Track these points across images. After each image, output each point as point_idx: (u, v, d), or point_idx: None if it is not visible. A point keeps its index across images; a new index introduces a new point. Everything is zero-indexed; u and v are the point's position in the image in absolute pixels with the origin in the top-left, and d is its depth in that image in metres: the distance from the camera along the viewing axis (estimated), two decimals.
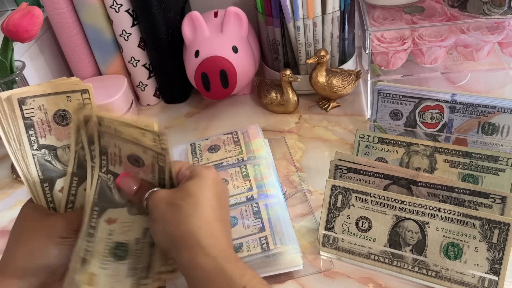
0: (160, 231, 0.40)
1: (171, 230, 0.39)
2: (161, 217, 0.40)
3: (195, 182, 0.41)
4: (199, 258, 0.38)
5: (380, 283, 0.51)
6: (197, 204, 0.40)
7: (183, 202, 0.40)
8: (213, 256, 0.38)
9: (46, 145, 0.45)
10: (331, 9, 0.75)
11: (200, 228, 0.39)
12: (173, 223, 0.39)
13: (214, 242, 0.39)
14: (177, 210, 0.40)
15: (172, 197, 0.41)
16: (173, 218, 0.40)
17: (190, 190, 0.41)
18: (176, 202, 0.40)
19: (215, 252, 0.38)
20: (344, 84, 0.76)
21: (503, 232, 0.46)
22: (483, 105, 0.58)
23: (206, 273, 0.37)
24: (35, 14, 0.63)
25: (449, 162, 0.56)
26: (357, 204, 0.52)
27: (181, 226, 0.39)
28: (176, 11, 0.82)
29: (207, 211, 0.40)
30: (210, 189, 0.41)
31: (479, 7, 0.64)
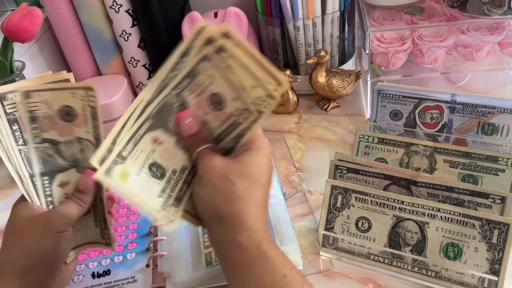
0: (207, 200, 0.39)
1: (218, 204, 0.38)
2: (211, 187, 0.39)
3: (254, 160, 0.40)
4: (243, 239, 0.37)
5: (380, 283, 0.51)
6: (251, 186, 0.39)
7: (239, 180, 0.38)
8: (258, 239, 0.37)
9: (48, 139, 0.45)
10: (331, 9, 0.75)
11: (250, 211, 0.38)
12: (222, 198, 0.38)
13: (260, 227, 0.38)
14: (231, 187, 0.38)
15: (228, 170, 0.39)
16: (223, 193, 0.38)
17: (247, 168, 0.39)
18: (231, 178, 0.39)
19: (259, 236, 0.37)
20: (344, 84, 0.76)
21: (502, 232, 0.47)
22: (483, 105, 0.58)
23: (249, 254, 0.37)
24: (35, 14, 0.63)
25: (449, 162, 0.56)
26: (357, 204, 0.52)
27: (231, 204, 0.38)
28: (176, 11, 0.82)
29: (259, 196, 0.39)
30: (265, 173, 0.40)
31: (479, 7, 0.64)
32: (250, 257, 0.37)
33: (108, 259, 0.56)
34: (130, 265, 0.55)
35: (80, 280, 0.54)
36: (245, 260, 0.37)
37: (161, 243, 0.56)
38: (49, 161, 0.45)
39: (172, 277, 0.51)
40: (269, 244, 0.38)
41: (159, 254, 0.54)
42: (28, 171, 0.44)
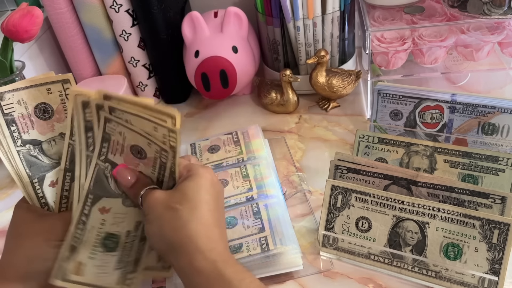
0: (156, 234, 0.40)
1: (168, 234, 0.39)
2: (157, 220, 0.40)
3: (193, 184, 0.41)
4: (198, 262, 0.38)
5: (380, 283, 0.51)
6: (195, 208, 0.40)
7: (181, 206, 0.39)
8: (212, 260, 0.38)
9: (30, 140, 0.44)
10: (331, 9, 0.75)
11: (199, 233, 0.39)
12: (170, 227, 0.39)
13: (213, 246, 0.39)
14: (175, 215, 0.39)
15: (169, 200, 0.40)
16: (170, 222, 0.39)
17: (187, 193, 0.40)
18: (174, 206, 0.40)
19: (213, 256, 0.38)
20: (344, 84, 0.76)
21: (503, 232, 0.46)
22: (483, 105, 0.58)
23: (206, 277, 0.37)
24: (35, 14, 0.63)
25: (449, 162, 0.56)
26: (357, 204, 0.52)
27: (179, 231, 0.39)
28: (176, 11, 0.82)
29: (206, 215, 0.40)
30: (207, 192, 0.41)
31: (479, 7, 0.64)
32: (207, 279, 0.37)
33: None
34: None
35: None
36: (203, 282, 0.37)
37: None
38: (35, 162, 0.44)
39: (172, 277, 0.51)
40: (224, 263, 0.38)
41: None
42: (27, 172, 0.44)
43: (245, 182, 0.61)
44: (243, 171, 0.62)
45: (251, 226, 0.54)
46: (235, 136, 0.70)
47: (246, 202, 0.58)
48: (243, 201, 0.58)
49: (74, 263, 0.41)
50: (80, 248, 0.42)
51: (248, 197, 0.58)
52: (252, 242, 0.52)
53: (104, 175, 0.43)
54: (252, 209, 0.56)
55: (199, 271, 0.37)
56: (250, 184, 0.60)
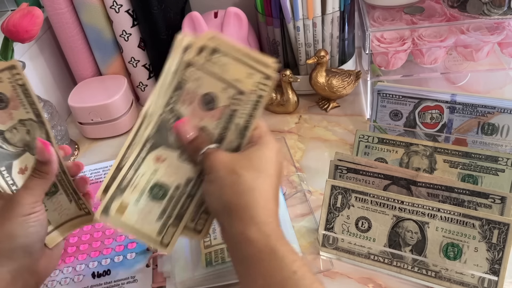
0: (216, 195, 0.39)
1: (228, 197, 0.38)
2: (219, 181, 0.39)
3: (261, 154, 0.40)
4: (252, 233, 0.37)
5: (379, 283, 0.51)
6: (259, 178, 0.39)
7: (246, 172, 0.39)
8: (267, 234, 0.37)
9: None
10: (331, 9, 0.75)
11: (259, 203, 0.38)
12: (231, 191, 0.38)
13: (269, 220, 0.38)
14: (238, 179, 0.38)
15: (234, 163, 0.39)
16: (232, 186, 0.38)
17: (254, 161, 0.40)
18: (238, 171, 0.39)
19: (269, 230, 0.37)
20: (344, 85, 0.76)
21: (502, 232, 0.47)
22: (482, 105, 0.58)
23: (257, 249, 0.37)
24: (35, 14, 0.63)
25: (449, 162, 0.56)
26: (356, 204, 0.52)
27: (240, 196, 0.38)
28: (176, 11, 0.82)
29: (268, 188, 0.39)
30: (273, 166, 0.40)
31: (479, 7, 0.64)
32: (259, 251, 0.36)
33: (108, 259, 0.57)
34: (130, 265, 0.55)
35: (80, 280, 0.55)
36: (254, 254, 0.37)
37: None
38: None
39: (172, 277, 0.51)
40: (278, 239, 0.37)
41: (159, 254, 0.54)
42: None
43: None
44: None
45: None
46: None
47: None
48: None
49: (119, 202, 0.42)
50: (127, 190, 0.42)
51: None
52: None
53: (166, 126, 0.43)
54: None
55: (251, 241, 0.37)
56: None
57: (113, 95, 0.77)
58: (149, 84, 0.86)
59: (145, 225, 0.42)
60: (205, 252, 0.52)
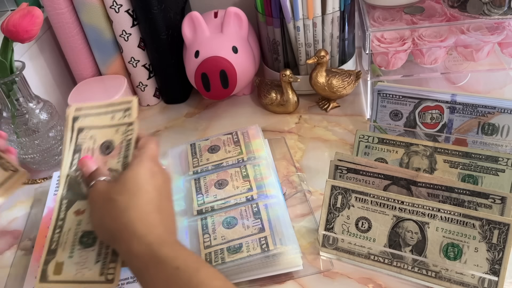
0: (98, 225, 0.42)
1: (108, 224, 0.41)
2: (98, 212, 0.42)
3: (134, 174, 0.42)
4: (134, 247, 0.39)
5: (380, 283, 0.51)
6: (133, 197, 0.41)
7: (120, 197, 0.41)
8: (148, 244, 0.39)
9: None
10: (331, 9, 0.75)
11: (135, 219, 0.40)
12: (109, 217, 0.41)
13: (149, 231, 0.40)
14: (113, 205, 0.41)
15: (109, 191, 0.42)
16: (109, 212, 0.41)
17: (126, 183, 0.42)
18: (113, 197, 0.41)
19: (149, 239, 0.39)
20: (344, 85, 0.76)
21: (502, 232, 0.46)
22: (483, 105, 0.58)
23: (142, 260, 0.38)
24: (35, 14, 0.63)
25: (449, 163, 0.56)
26: (357, 204, 0.52)
27: (117, 219, 0.40)
28: (176, 11, 0.82)
29: (143, 203, 0.41)
30: (147, 182, 0.42)
31: (479, 7, 0.64)
32: (143, 261, 0.38)
33: None
34: None
35: None
36: (140, 266, 0.39)
37: None
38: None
39: None
40: (160, 244, 0.39)
41: None
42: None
43: (245, 182, 0.61)
44: (243, 171, 0.62)
45: (251, 226, 0.54)
46: (235, 136, 0.70)
47: (246, 202, 0.58)
48: (243, 201, 0.58)
49: (53, 264, 0.44)
50: (59, 250, 0.45)
51: (248, 197, 0.58)
52: (252, 242, 0.52)
53: (76, 181, 0.47)
54: (252, 209, 0.56)
55: (136, 255, 0.39)
56: (250, 184, 0.60)
57: (113, 95, 0.77)
58: (149, 84, 0.86)
59: (86, 273, 0.44)
60: (205, 252, 0.52)
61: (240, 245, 0.52)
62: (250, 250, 0.51)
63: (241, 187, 0.60)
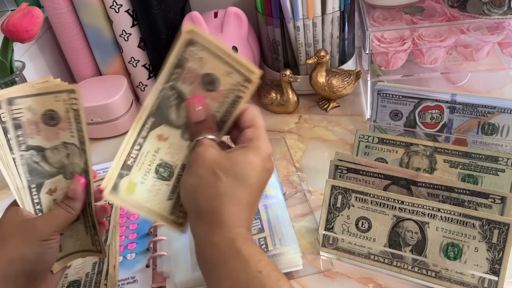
0: (190, 191, 0.39)
1: (200, 198, 0.38)
2: (197, 178, 0.38)
3: (246, 160, 0.39)
4: (216, 237, 0.36)
5: (380, 283, 0.51)
6: (237, 185, 0.38)
7: (224, 176, 0.37)
8: (231, 237, 0.36)
9: (34, 146, 0.43)
10: (331, 9, 0.75)
11: (229, 209, 0.37)
12: (205, 192, 0.38)
13: (236, 225, 0.37)
14: (215, 182, 0.37)
15: (216, 164, 0.38)
16: (207, 187, 0.38)
17: (237, 166, 0.38)
18: (218, 173, 0.38)
19: (234, 234, 0.37)
20: (344, 84, 0.76)
21: (502, 232, 0.46)
22: (483, 105, 0.58)
23: (222, 251, 0.36)
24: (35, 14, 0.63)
25: (449, 162, 0.56)
26: (357, 204, 0.52)
27: (211, 200, 0.37)
28: (176, 11, 0.82)
29: (244, 196, 0.38)
30: (256, 175, 0.39)
31: (479, 7, 0.64)
32: (223, 254, 0.36)
33: None
34: (130, 265, 0.55)
35: None
36: (218, 257, 0.36)
37: (161, 243, 0.56)
38: (35, 168, 0.44)
39: (171, 277, 0.51)
40: (244, 241, 0.36)
41: (158, 254, 0.54)
42: (27, 177, 0.43)
43: None
44: None
45: None
46: None
47: None
48: None
49: (127, 181, 0.41)
50: (134, 169, 0.41)
51: None
52: None
53: (168, 102, 0.42)
54: None
55: (214, 245, 0.36)
56: None
57: (113, 95, 0.77)
58: (149, 84, 0.86)
59: (157, 204, 0.41)
60: None
61: None
62: None
63: None
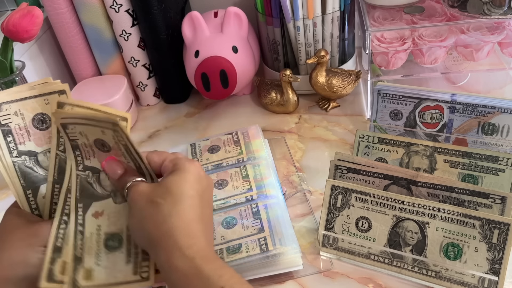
0: (138, 228, 0.40)
1: (149, 229, 0.39)
2: (139, 214, 0.40)
3: (177, 178, 0.40)
4: (176, 259, 0.37)
5: (380, 283, 0.51)
6: (176, 202, 0.39)
7: (163, 201, 0.39)
8: (191, 257, 0.37)
9: (26, 151, 0.43)
10: (331, 9, 0.75)
11: (178, 228, 0.38)
12: (151, 221, 0.39)
13: (192, 242, 0.38)
14: (156, 209, 0.39)
15: (152, 194, 0.40)
16: (151, 216, 0.39)
17: (170, 187, 0.40)
18: (156, 200, 0.39)
19: (192, 252, 0.37)
20: (344, 84, 0.76)
21: (503, 232, 0.46)
22: (483, 105, 0.58)
23: (183, 274, 0.37)
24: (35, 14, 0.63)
25: (449, 162, 0.56)
26: (357, 204, 0.52)
27: (159, 226, 0.38)
28: (176, 11, 0.82)
29: (187, 210, 0.39)
30: (191, 187, 0.40)
31: (479, 7, 0.64)
32: (185, 276, 0.37)
33: None
34: None
35: None
36: (181, 279, 0.37)
37: None
38: (29, 173, 0.43)
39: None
40: (203, 259, 0.37)
41: None
42: (22, 183, 0.43)
43: (245, 182, 0.61)
44: (243, 172, 0.62)
45: (250, 226, 0.54)
46: (235, 136, 0.70)
47: (246, 203, 0.58)
48: (243, 202, 0.58)
49: (83, 271, 0.41)
50: (85, 257, 0.42)
51: (248, 198, 0.58)
52: (251, 242, 0.52)
53: (87, 182, 0.43)
54: (251, 209, 0.56)
55: (177, 268, 0.37)
56: (250, 185, 0.60)
57: (113, 95, 0.77)
58: (149, 84, 0.86)
59: (118, 275, 0.42)
60: None
61: (239, 245, 0.52)
62: (249, 251, 0.51)
63: (241, 187, 0.60)
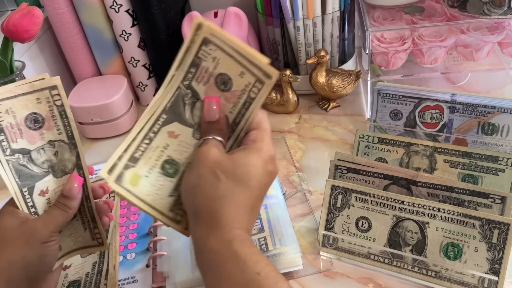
0: (189, 192, 0.38)
1: (199, 198, 0.37)
2: (197, 177, 0.38)
3: (248, 161, 0.38)
4: (213, 237, 0.36)
5: (380, 283, 0.51)
6: (236, 186, 0.37)
7: (225, 178, 0.37)
8: (228, 239, 0.36)
9: (19, 149, 0.42)
10: (331, 9, 0.75)
11: (227, 212, 0.37)
12: (204, 193, 0.37)
13: (235, 227, 0.37)
14: (215, 182, 0.37)
15: (218, 164, 0.38)
16: (207, 187, 0.37)
17: (238, 167, 0.38)
18: (219, 174, 0.37)
19: (231, 236, 0.36)
20: (344, 84, 0.76)
21: (502, 232, 0.46)
22: (483, 105, 0.58)
23: (217, 254, 0.36)
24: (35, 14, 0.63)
25: (449, 162, 0.56)
26: (357, 204, 0.52)
27: (210, 201, 0.37)
28: (176, 11, 0.82)
29: (242, 198, 0.37)
30: (258, 175, 0.38)
31: (479, 7, 0.64)
32: (220, 255, 0.36)
33: None
34: (130, 265, 0.55)
35: None
36: (215, 258, 0.36)
37: (161, 243, 0.56)
38: (23, 171, 0.42)
39: (171, 277, 0.51)
40: (241, 243, 0.36)
41: (158, 254, 0.54)
42: (17, 181, 0.42)
43: None
44: None
45: None
46: None
47: None
48: None
49: (132, 173, 0.41)
50: (140, 162, 0.41)
51: None
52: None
53: (182, 100, 0.42)
54: None
55: (211, 248, 0.36)
56: None
57: (113, 95, 0.77)
58: (149, 84, 0.86)
59: (158, 199, 0.41)
60: None
61: None
62: None
63: None
